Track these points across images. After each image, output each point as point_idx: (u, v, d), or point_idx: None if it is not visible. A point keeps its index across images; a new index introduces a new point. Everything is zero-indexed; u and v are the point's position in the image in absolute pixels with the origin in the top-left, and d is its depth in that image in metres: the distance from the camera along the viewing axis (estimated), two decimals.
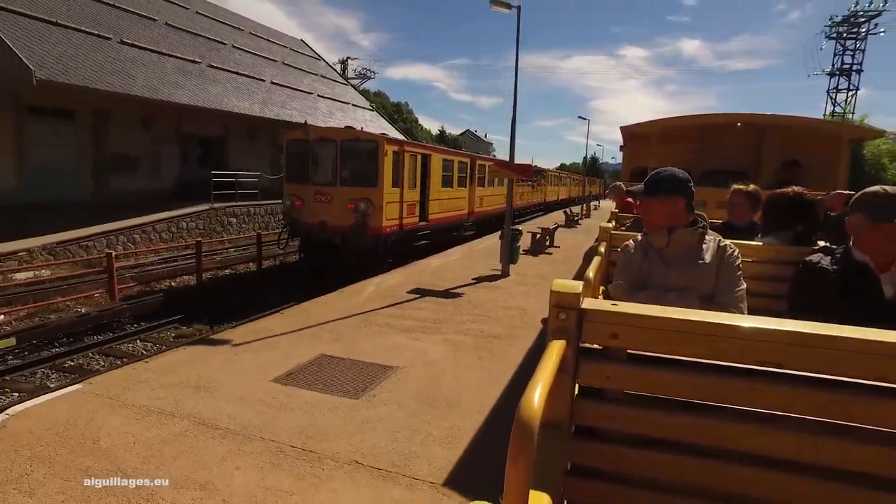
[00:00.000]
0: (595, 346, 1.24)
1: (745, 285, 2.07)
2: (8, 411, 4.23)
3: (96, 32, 15.33)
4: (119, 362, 6.89)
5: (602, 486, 1.28)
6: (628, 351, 1.22)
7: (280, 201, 13.54)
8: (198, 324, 8.58)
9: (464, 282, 10.12)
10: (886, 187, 1.91)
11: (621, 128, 7.44)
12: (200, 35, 21.53)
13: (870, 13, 33.95)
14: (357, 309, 7.84)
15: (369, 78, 44.83)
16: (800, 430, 1.11)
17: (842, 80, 35.32)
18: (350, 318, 7.30)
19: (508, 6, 11.06)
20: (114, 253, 9.42)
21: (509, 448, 0.78)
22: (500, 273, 10.99)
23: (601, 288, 2.69)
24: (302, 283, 11.25)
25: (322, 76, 30.80)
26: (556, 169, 54.72)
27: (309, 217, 11.67)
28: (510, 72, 11.07)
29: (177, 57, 18.49)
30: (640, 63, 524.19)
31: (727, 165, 6.90)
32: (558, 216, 25.71)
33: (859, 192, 1.94)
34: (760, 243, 2.80)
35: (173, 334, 8.15)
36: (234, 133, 21.19)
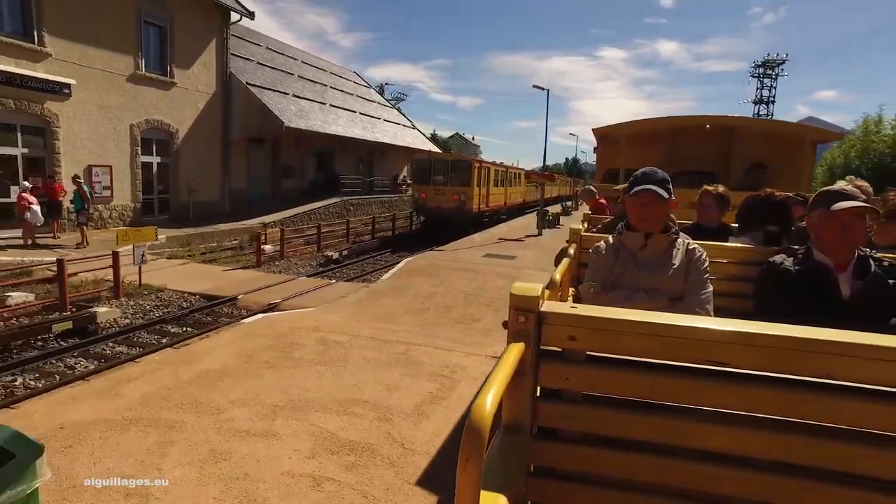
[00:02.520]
0: (554, 348, 1.19)
1: (711, 287, 2.01)
2: (407, 259, 12.10)
3: (282, 91, 22.98)
4: (386, 263, 14.67)
5: (565, 486, 1.24)
6: (587, 352, 1.18)
7: (368, 196, 21.14)
8: (402, 252, 16.38)
9: (519, 237, 17.96)
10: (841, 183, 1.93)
11: (593, 130, 7.30)
12: (316, 82, 29.09)
13: (777, 61, 42.98)
14: (478, 244, 15.67)
15: (402, 100, 52.63)
16: (757, 427, 1.08)
17: (762, 107, 44.05)
18: (480, 246, 15.11)
19: (543, 88, 18.95)
20: (348, 220, 17.23)
21: (460, 450, 0.75)
22: (536, 234, 18.87)
23: (571, 289, 2.66)
24: (420, 240, 18.97)
25: (378, 103, 38.36)
26: (541, 170, 62.47)
27: (430, 203, 19.55)
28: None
29: (316, 101, 26.11)
30: (618, 64, 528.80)
31: (697, 167, 6.69)
32: (556, 208, 33.58)
33: (817, 192, 1.93)
34: (729, 244, 2.70)
35: (397, 255, 15.95)
36: (338, 149, 28.79)
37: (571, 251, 2.74)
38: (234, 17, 19.23)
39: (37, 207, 11.82)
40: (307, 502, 3.00)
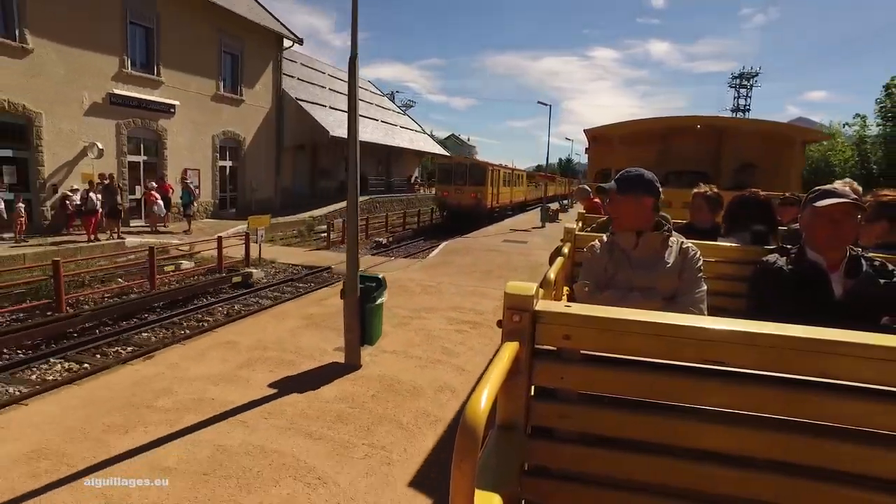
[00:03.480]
0: (549, 347, 1.16)
1: (705, 286, 1.98)
2: (445, 242, 15.29)
3: (321, 103, 26.07)
4: (424, 247, 17.81)
5: (560, 485, 1.22)
6: (581, 351, 1.16)
7: (389, 195, 24.46)
8: (432, 240, 19.53)
9: (527, 227, 21.17)
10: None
11: (585, 130, 7.29)
12: (342, 93, 32.13)
13: (751, 73, 46.84)
14: (494, 233, 18.86)
15: (410, 106, 55.77)
16: (755, 426, 1.06)
17: (739, 115, 47.56)
18: (496, 235, 18.28)
19: (545, 104, 22.14)
20: (387, 214, 20.39)
21: (455, 449, 0.74)
22: (540, 226, 22.09)
23: (565, 289, 2.63)
24: (444, 231, 22.12)
25: (393, 111, 41.43)
26: (535, 170, 65.97)
27: (451, 200, 22.73)
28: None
29: (346, 111, 29.19)
30: (610, 64, 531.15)
31: (689, 167, 6.70)
32: (555, 205, 36.84)
33: (808, 191, 1.91)
34: (722, 243, 2.67)
35: (429, 242, 19.10)
36: (362, 153, 31.87)
37: (566, 250, 2.73)
38: (286, 43, 22.30)
39: (161, 202, 14.91)
40: (459, 336, 6.19)
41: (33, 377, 5.86)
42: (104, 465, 3.31)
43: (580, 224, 3.97)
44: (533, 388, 1.18)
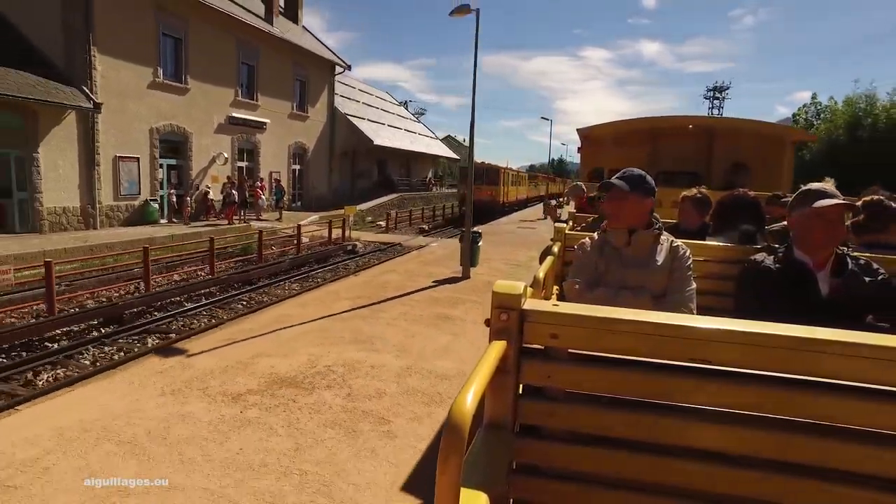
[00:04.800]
0: (537, 346, 1.15)
1: (694, 285, 1.97)
2: (473, 228, 19.83)
3: (361, 116, 30.47)
4: (456, 233, 22.26)
5: (548, 484, 1.21)
6: (569, 350, 1.15)
7: (412, 193, 29.05)
8: (459, 228, 23.95)
9: (532, 219, 25.65)
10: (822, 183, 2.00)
11: (578, 130, 7.24)
12: (369, 105, 36.57)
13: (724, 87, 52.29)
14: (507, 223, 23.35)
15: (421, 114, 60.21)
16: (741, 424, 1.06)
17: None
18: (509, 224, 22.78)
19: (547, 118, 26.62)
20: (423, 207, 24.89)
21: (440, 448, 0.73)
22: (544, 218, 26.61)
23: (555, 288, 2.62)
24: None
25: (410, 119, 45.83)
26: (528, 170, 70.57)
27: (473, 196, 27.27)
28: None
29: (378, 122, 33.65)
30: (602, 64, 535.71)
31: (680, 167, 6.66)
32: (553, 201, 41.49)
33: (798, 191, 1.91)
34: (711, 243, 2.63)
35: (458, 229, 23.52)
36: (389, 157, 36.37)
37: (556, 249, 2.72)
38: (338, 69, 26.73)
39: (264, 196, 19.32)
40: (513, 269, 10.71)
41: (284, 289, 10.33)
42: (389, 300, 7.79)
43: (570, 223, 3.96)
44: (521, 386, 1.17)
